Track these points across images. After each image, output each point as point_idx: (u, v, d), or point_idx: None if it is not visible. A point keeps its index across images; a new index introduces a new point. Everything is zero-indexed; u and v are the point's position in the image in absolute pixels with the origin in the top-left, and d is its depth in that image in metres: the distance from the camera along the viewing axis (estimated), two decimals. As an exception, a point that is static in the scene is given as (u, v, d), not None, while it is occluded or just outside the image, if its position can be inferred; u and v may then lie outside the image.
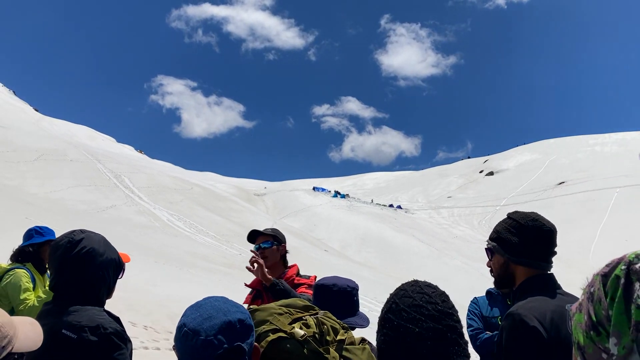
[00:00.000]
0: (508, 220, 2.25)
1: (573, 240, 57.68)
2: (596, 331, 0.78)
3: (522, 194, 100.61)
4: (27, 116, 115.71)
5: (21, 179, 38.93)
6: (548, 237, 2.12)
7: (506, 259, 2.19)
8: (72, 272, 2.04)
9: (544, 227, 2.12)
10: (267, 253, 3.28)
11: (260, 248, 3.30)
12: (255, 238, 3.38)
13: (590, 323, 0.79)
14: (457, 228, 77.52)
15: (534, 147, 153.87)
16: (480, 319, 3.48)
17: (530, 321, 1.87)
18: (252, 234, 3.40)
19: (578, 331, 0.83)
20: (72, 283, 2.04)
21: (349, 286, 2.16)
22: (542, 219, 2.16)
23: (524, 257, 2.13)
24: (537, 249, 2.12)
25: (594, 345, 0.78)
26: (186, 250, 25.35)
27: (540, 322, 1.87)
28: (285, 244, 3.42)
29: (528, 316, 1.89)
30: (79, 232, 2.13)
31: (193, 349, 1.23)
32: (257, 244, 3.34)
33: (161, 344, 8.20)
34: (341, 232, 60.64)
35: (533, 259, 2.11)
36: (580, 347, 0.82)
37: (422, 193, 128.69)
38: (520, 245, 2.14)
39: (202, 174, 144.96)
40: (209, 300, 1.34)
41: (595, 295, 0.80)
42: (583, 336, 0.81)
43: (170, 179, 57.75)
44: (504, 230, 2.23)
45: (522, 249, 2.13)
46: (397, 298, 1.38)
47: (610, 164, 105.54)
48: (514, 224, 2.19)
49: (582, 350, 0.81)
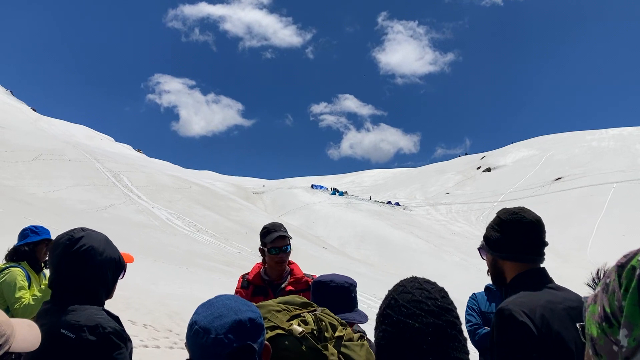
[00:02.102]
0: (494, 218, 2.25)
1: (570, 235, 57.84)
2: (608, 322, 0.76)
3: (519, 190, 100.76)
4: (25, 116, 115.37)
5: (19, 179, 38.87)
6: (529, 229, 2.09)
7: (494, 256, 2.20)
8: (70, 270, 2.02)
9: (524, 220, 2.10)
10: (287, 257, 3.25)
11: (281, 251, 3.20)
12: (275, 239, 3.20)
13: (604, 314, 0.78)
14: (455, 224, 77.66)
15: (531, 143, 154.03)
16: (479, 314, 3.49)
17: (519, 316, 1.86)
18: (274, 234, 3.21)
19: (591, 323, 0.81)
20: (71, 281, 2.03)
21: (347, 282, 2.16)
22: (524, 212, 2.14)
23: (508, 252, 2.12)
24: (519, 243, 2.09)
25: (606, 337, 0.77)
26: (185, 249, 25.35)
27: (529, 318, 1.86)
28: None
29: (517, 311, 1.88)
30: (80, 230, 2.11)
31: (203, 347, 1.24)
32: (278, 245, 3.19)
33: (161, 342, 8.20)
34: (340, 229, 60.70)
35: (518, 253, 2.10)
36: (592, 339, 0.80)
37: (420, 190, 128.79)
38: (502, 240, 2.13)
39: (200, 172, 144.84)
40: (220, 299, 1.34)
41: (610, 286, 0.78)
42: (595, 327, 0.80)
43: (168, 177, 57.70)
44: (489, 228, 2.24)
45: (505, 244, 2.12)
46: (396, 294, 1.38)
47: (607, 160, 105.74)
48: (497, 220, 2.20)
49: (594, 342, 0.80)
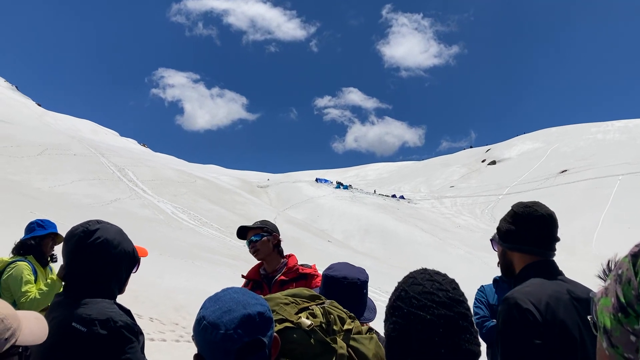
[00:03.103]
0: (508, 211, 2.27)
1: (575, 228, 57.62)
2: (624, 313, 0.75)
3: (524, 182, 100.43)
4: (30, 111, 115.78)
5: (25, 173, 39.01)
6: (541, 222, 2.11)
7: (504, 248, 2.23)
8: (84, 263, 2.00)
9: (536, 213, 2.12)
10: (259, 245, 3.26)
11: (252, 242, 3.28)
12: (245, 234, 3.35)
13: (619, 305, 0.76)
14: (460, 217, 77.54)
15: (536, 135, 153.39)
16: (486, 307, 3.48)
17: (524, 304, 1.87)
18: (241, 230, 3.37)
19: (604, 315, 0.79)
20: (84, 274, 2.00)
21: (360, 280, 2.13)
22: (538, 206, 2.16)
23: (519, 244, 2.14)
24: (531, 236, 2.11)
25: (622, 327, 0.75)
26: (191, 243, 25.42)
27: (535, 306, 1.86)
28: (277, 233, 3.38)
29: (523, 300, 1.88)
30: (95, 222, 2.07)
31: (213, 343, 1.22)
32: (247, 238, 3.31)
33: (167, 336, 8.24)
34: (344, 222, 60.70)
35: (528, 245, 2.12)
36: (607, 331, 0.78)
37: (424, 183, 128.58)
38: (514, 232, 2.15)
39: (205, 166, 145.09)
40: (227, 292, 1.31)
41: (624, 276, 0.76)
42: (610, 319, 0.77)
43: (173, 172, 57.80)
44: (502, 220, 2.27)
45: (516, 236, 2.14)
46: (407, 286, 1.36)
47: (612, 152, 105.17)
48: (510, 212, 2.23)
49: (609, 334, 0.78)
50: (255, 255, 3.31)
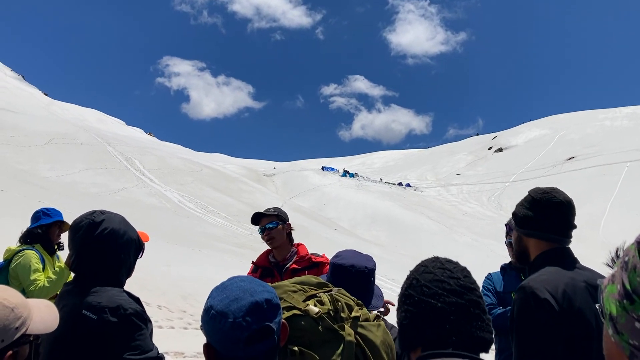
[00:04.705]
0: (525, 196, 2.23)
1: (583, 215, 57.32)
2: (630, 300, 0.74)
3: (531, 169, 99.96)
4: (37, 101, 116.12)
5: (33, 163, 39.24)
6: (559, 209, 2.08)
7: (519, 233, 2.20)
8: (93, 253, 2.05)
9: (555, 199, 2.09)
10: (274, 234, 3.25)
11: (266, 229, 3.26)
12: (259, 220, 3.33)
13: (624, 292, 0.75)
14: (467, 205, 77.35)
15: (543, 122, 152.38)
16: (494, 294, 3.48)
17: (541, 293, 1.85)
18: (256, 217, 3.34)
19: (610, 302, 0.79)
20: (93, 264, 2.05)
21: (367, 268, 2.12)
22: (556, 192, 2.12)
23: (536, 230, 2.10)
24: (548, 222, 2.08)
25: (627, 314, 0.75)
26: (197, 231, 25.55)
27: (552, 295, 1.85)
28: (289, 222, 3.39)
29: (539, 289, 1.87)
30: (99, 213, 2.12)
31: (222, 332, 1.22)
32: (261, 225, 3.30)
33: (175, 323, 8.31)
34: (350, 211, 60.72)
35: (545, 232, 2.09)
36: (613, 318, 0.78)
37: (431, 171, 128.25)
38: (531, 218, 2.12)
39: (211, 155, 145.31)
40: (234, 281, 1.32)
41: (630, 263, 0.76)
42: (616, 306, 0.77)
43: (180, 160, 57.94)
44: (519, 205, 2.23)
45: (534, 222, 2.11)
46: (418, 274, 1.35)
47: (620, 139, 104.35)
48: (528, 198, 2.18)
49: (614, 321, 0.78)
50: (269, 243, 3.28)
